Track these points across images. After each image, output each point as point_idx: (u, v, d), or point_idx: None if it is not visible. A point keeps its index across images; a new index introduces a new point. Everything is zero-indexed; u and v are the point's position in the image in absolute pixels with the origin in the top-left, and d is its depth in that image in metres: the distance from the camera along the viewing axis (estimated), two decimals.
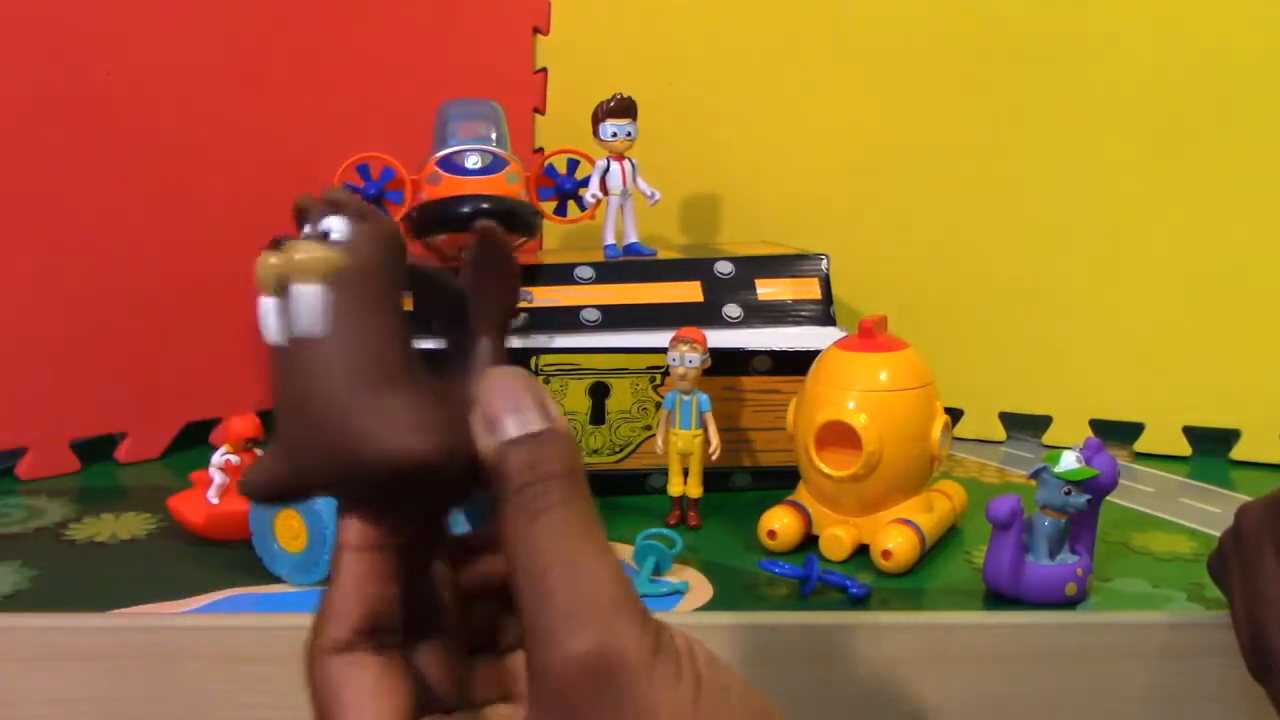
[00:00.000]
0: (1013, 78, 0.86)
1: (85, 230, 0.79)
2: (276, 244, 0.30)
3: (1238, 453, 0.84)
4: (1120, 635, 0.58)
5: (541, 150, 0.96)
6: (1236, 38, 0.82)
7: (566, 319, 0.76)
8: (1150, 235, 0.85)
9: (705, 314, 0.76)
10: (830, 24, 0.91)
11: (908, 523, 0.65)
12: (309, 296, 0.28)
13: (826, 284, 0.80)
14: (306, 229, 0.30)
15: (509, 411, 0.28)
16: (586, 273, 0.78)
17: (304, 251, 0.29)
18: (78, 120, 0.78)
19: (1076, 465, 0.59)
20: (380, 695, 0.29)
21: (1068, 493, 0.59)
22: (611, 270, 0.78)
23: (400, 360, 0.29)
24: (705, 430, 0.70)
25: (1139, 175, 0.85)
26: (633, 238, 0.81)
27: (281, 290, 0.29)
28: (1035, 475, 0.60)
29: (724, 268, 0.79)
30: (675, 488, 0.71)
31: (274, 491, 0.31)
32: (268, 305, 0.29)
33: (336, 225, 0.30)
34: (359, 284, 0.29)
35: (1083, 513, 0.60)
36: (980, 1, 0.87)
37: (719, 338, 0.73)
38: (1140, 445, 0.86)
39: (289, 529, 0.62)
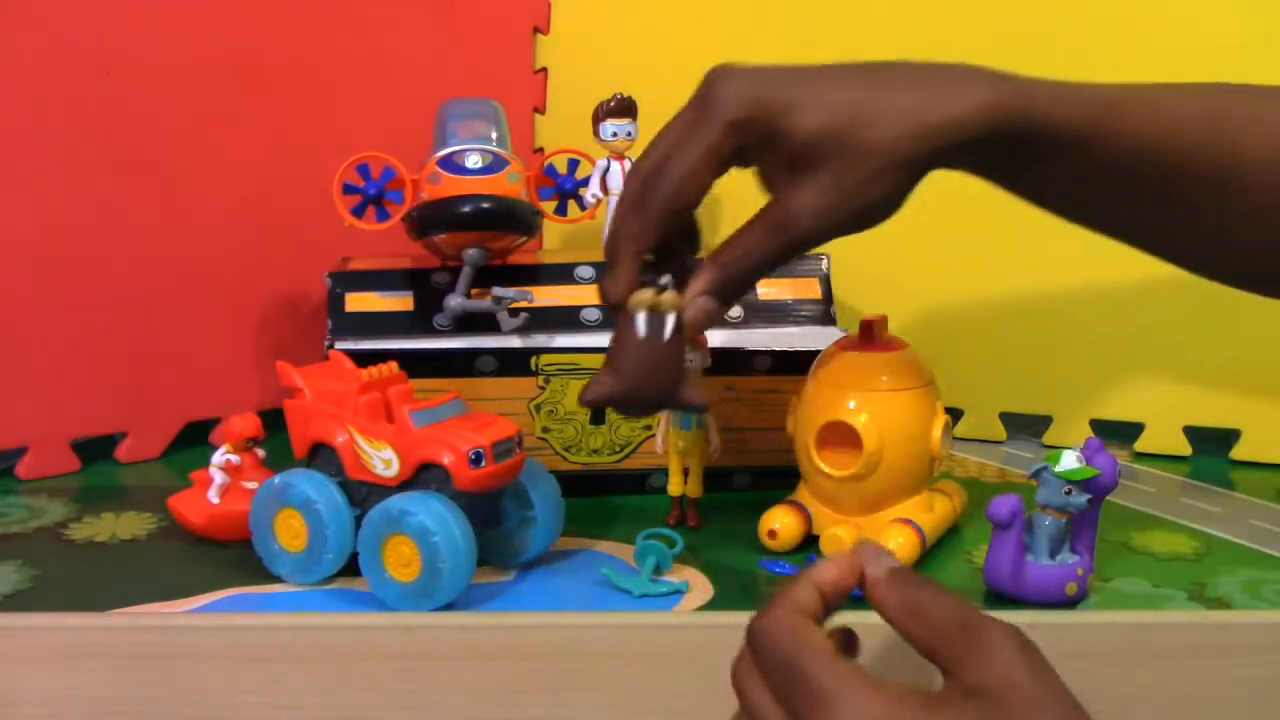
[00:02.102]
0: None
1: (85, 230, 0.79)
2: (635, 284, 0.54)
3: (1238, 453, 0.84)
4: (1120, 635, 0.58)
5: (542, 150, 0.96)
6: (1237, 37, 0.82)
7: (567, 318, 0.76)
8: None
9: None
10: (830, 24, 0.91)
11: (908, 522, 0.65)
12: (671, 320, 0.54)
13: (827, 284, 0.80)
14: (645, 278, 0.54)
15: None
16: (587, 272, 0.78)
17: (670, 297, 0.54)
18: (78, 120, 0.79)
19: (1077, 465, 0.59)
20: None
21: (1068, 492, 0.59)
22: None
23: (683, 357, 0.55)
24: (705, 430, 0.70)
25: None
26: None
27: (650, 311, 0.53)
28: (1035, 475, 0.60)
29: None
30: (675, 488, 0.71)
31: (602, 400, 0.54)
32: (641, 317, 0.53)
33: (668, 280, 0.55)
34: (680, 316, 0.54)
35: (1083, 512, 0.61)
36: (980, 2, 0.87)
37: (719, 337, 0.73)
38: (1140, 445, 0.86)
39: (289, 529, 0.63)
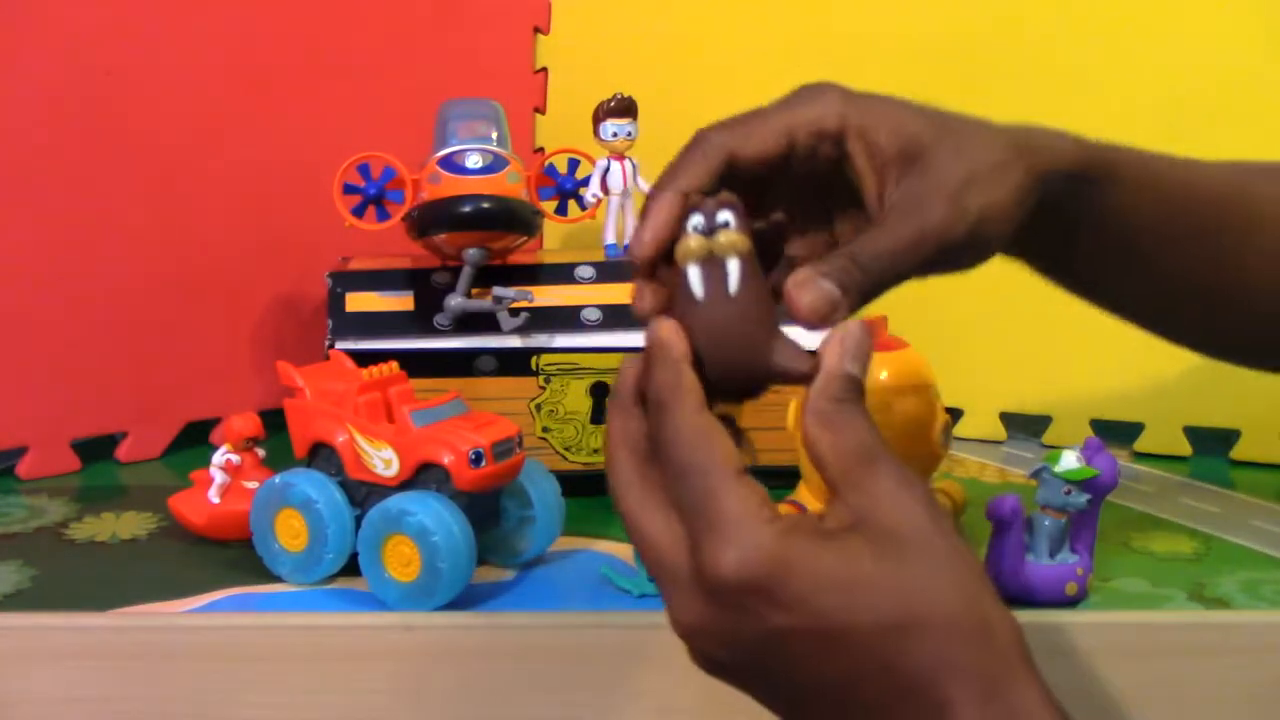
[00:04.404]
0: (1012, 77, 0.86)
1: (85, 230, 0.79)
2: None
3: (1238, 453, 0.84)
4: (1120, 635, 0.58)
5: (542, 150, 0.96)
6: (1235, 38, 0.82)
7: (567, 318, 0.76)
8: None
9: None
10: (830, 24, 0.91)
11: None
12: (732, 268, 0.41)
13: None
14: (698, 219, 0.42)
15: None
16: (587, 272, 0.78)
17: (728, 236, 0.41)
18: (77, 120, 0.78)
19: (1077, 465, 0.59)
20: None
21: (1068, 492, 0.59)
22: (612, 270, 0.78)
23: (773, 313, 0.42)
24: None
25: None
26: None
27: (704, 262, 0.41)
28: (1035, 475, 0.60)
29: None
30: None
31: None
32: (694, 271, 0.41)
33: (729, 218, 0.42)
34: (752, 261, 0.42)
35: (1083, 512, 0.60)
36: (979, 3, 0.87)
37: None
38: (1140, 445, 0.86)
39: (289, 528, 0.62)
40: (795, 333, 0.43)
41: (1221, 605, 0.62)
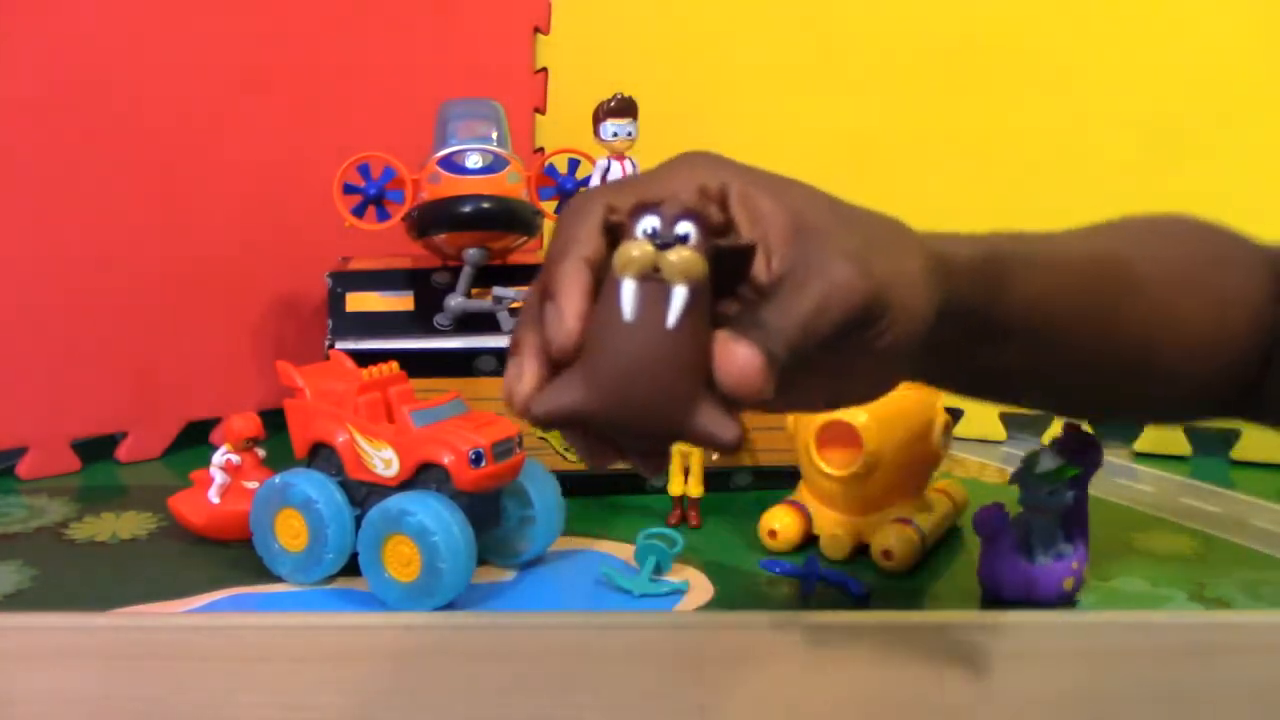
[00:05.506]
0: (1010, 77, 0.87)
1: (85, 230, 0.79)
2: (615, 229, 0.34)
3: (1238, 453, 0.84)
4: (1120, 635, 0.58)
5: (542, 150, 0.96)
6: (1231, 39, 0.82)
7: None
8: None
9: None
10: (829, 24, 0.91)
11: (908, 522, 0.65)
12: (678, 296, 0.32)
13: None
14: (653, 221, 0.33)
15: None
16: None
17: (682, 256, 0.33)
18: (77, 119, 0.79)
19: (1054, 466, 0.59)
20: None
21: (1050, 493, 0.59)
22: None
23: (709, 362, 0.33)
24: None
25: (1135, 174, 0.85)
26: None
27: (646, 278, 0.33)
28: (1017, 480, 0.60)
29: None
30: (675, 487, 0.71)
31: (563, 418, 0.34)
32: (630, 287, 0.33)
33: (691, 231, 0.33)
34: (703, 293, 0.33)
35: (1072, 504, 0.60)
36: (976, 3, 0.87)
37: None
38: (1140, 445, 0.86)
39: (289, 528, 0.62)
40: None
41: (1221, 605, 0.62)
